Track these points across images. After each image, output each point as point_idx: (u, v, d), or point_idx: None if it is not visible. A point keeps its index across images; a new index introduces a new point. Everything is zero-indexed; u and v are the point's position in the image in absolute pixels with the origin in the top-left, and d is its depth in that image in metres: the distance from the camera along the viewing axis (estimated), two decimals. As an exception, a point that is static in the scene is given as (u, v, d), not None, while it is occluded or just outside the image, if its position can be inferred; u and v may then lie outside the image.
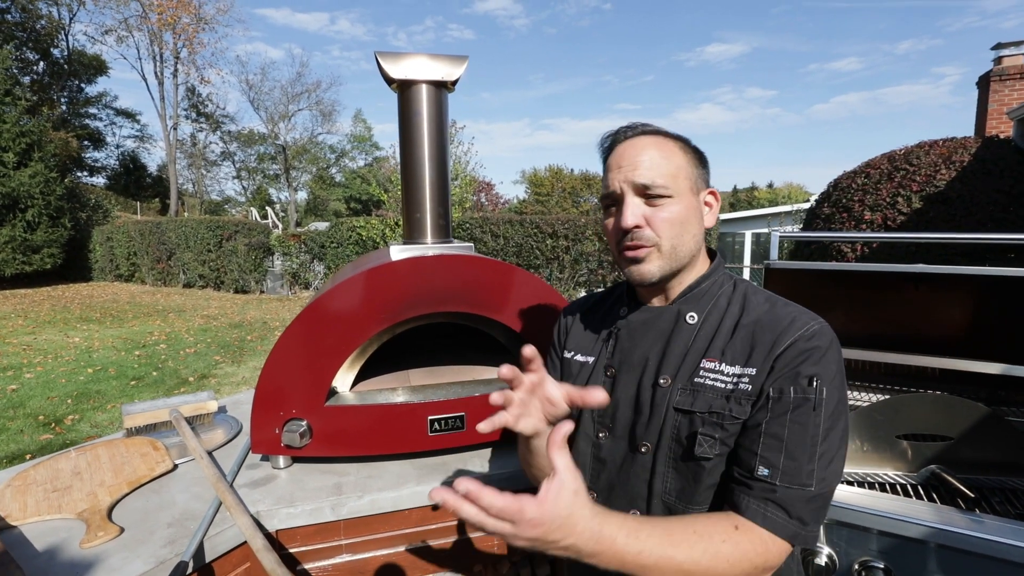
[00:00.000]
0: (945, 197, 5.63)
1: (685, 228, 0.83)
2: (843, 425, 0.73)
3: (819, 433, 0.71)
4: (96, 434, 4.31)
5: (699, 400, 0.78)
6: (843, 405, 0.74)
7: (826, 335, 0.75)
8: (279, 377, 1.27)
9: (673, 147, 0.84)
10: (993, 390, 1.56)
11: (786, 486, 0.69)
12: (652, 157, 0.82)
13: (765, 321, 0.78)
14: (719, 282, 0.87)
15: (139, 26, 26.04)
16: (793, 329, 0.76)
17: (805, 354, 0.74)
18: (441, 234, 1.52)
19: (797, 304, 0.81)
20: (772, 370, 0.75)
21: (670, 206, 0.82)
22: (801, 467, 0.70)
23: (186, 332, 8.51)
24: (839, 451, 0.72)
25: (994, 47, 7.92)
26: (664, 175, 0.81)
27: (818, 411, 0.71)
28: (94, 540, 1.03)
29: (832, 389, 0.72)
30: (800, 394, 0.72)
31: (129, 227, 16.34)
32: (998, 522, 0.99)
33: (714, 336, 0.81)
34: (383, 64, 1.41)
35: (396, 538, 1.25)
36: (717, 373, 0.78)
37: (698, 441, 0.77)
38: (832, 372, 0.73)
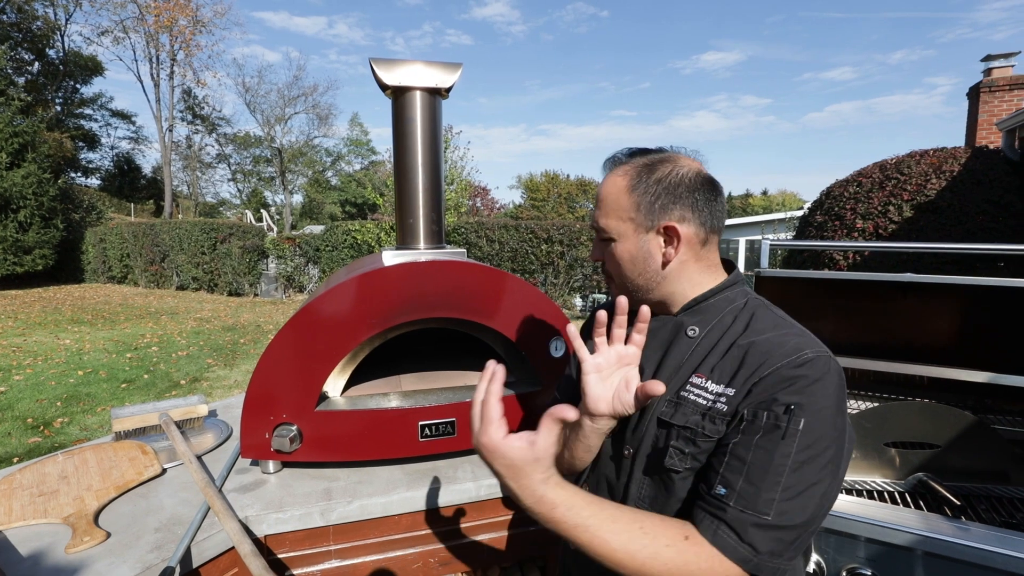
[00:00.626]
0: (935, 206, 5.69)
1: (629, 269, 0.85)
2: (827, 461, 0.69)
3: (787, 464, 0.67)
4: (86, 437, 4.27)
5: (679, 413, 0.79)
6: (829, 441, 0.69)
7: (819, 366, 0.71)
8: (270, 381, 1.26)
9: (623, 185, 0.84)
10: (980, 398, 1.58)
11: (739, 509, 0.68)
12: (604, 199, 0.86)
13: (759, 344, 0.76)
14: (730, 298, 0.85)
15: (135, 28, 25.99)
16: (781, 355, 0.73)
17: (788, 381, 0.71)
18: (434, 239, 1.52)
19: (808, 333, 0.78)
20: (749, 392, 0.73)
21: (613, 248, 0.86)
22: (759, 494, 0.68)
23: (178, 335, 8.45)
24: (815, 487, 0.68)
25: (984, 59, 8.05)
26: (607, 217, 0.85)
27: (788, 441, 0.68)
28: (80, 545, 1.03)
29: (815, 421, 0.68)
30: (772, 420, 0.69)
31: (122, 229, 16.24)
32: (984, 529, 1.00)
33: (710, 352, 0.80)
34: (378, 70, 1.42)
35: (386, 544, 1.25)
36: (701, 389, 0.78)
37: (669, 453, 0.78)
38: (818, 404, 0.69)
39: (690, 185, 0.82)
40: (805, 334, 0.77)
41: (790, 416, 0.69)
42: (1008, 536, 0.97)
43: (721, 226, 0.86)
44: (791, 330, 0.77)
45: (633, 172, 0.84)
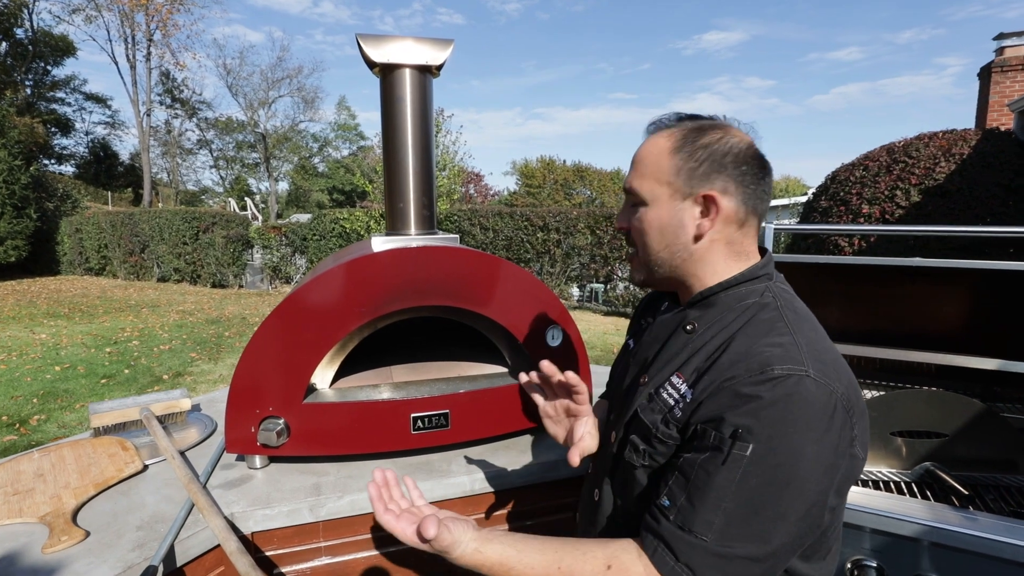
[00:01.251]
0: (944, 190, 5.60)
1: (656, 239, 0.78)
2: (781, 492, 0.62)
3: (730, 489, 0.63)
4: (64, 435, 4.16)
5: (648, 409, 0.77)
6: (796, 471, 0.62)
7: (784, 386, 0.63)
8: (255, 373, 1.21)
9: (665, 146, 0.78)
10: (988, 386, 1.57)
11: (678, 526, 0.65)
12: (642, 159, 0.80)
13: (738, 352, 0.70)
14: (743, 294, 0.77)
15: (109, 6, 25.08)
16: (745, 367, 0.67)
17: (739, 399, 0.65)
18: (425, 225, 1.47)
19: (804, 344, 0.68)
20: (701, 404, 0.69)
21: (643, 212, 0.79)
22: (696, 513, 0.64)
23: (160, 328, 8.28)
24: (761, 518, 0.63)
25: (996, 37, 7.78)
26: (642, 179, 0.79)
27: (729, 466, 0.63)
28: (57, 545, 0.99)
29: (766, 450, 0.62)
30: (716, 442, 0.65)
31: (100, 218, 15.83)
32: (992, 519, 1.00)
33: (698, 352, 0.75)
34: (365, 47, 1.35)
35: (377, 539, 1.22)
36: (674, 389, 0.75)
37: (628, 445, 0.78)
38: (770, 431, 0.63)
39: (738, 157, 0.75)
40: (792, 347, 0.67)
41: (735, 440, 0.64)
42: (1017, 526, 0.96)
43: (764, 210, 0.79)
44: (779, 339, 0.69)
45: (679, 134, 0.78)
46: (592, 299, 11.30)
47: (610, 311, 10.64)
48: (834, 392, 0.65)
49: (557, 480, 1.33)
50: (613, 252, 10.85)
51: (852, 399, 0.67)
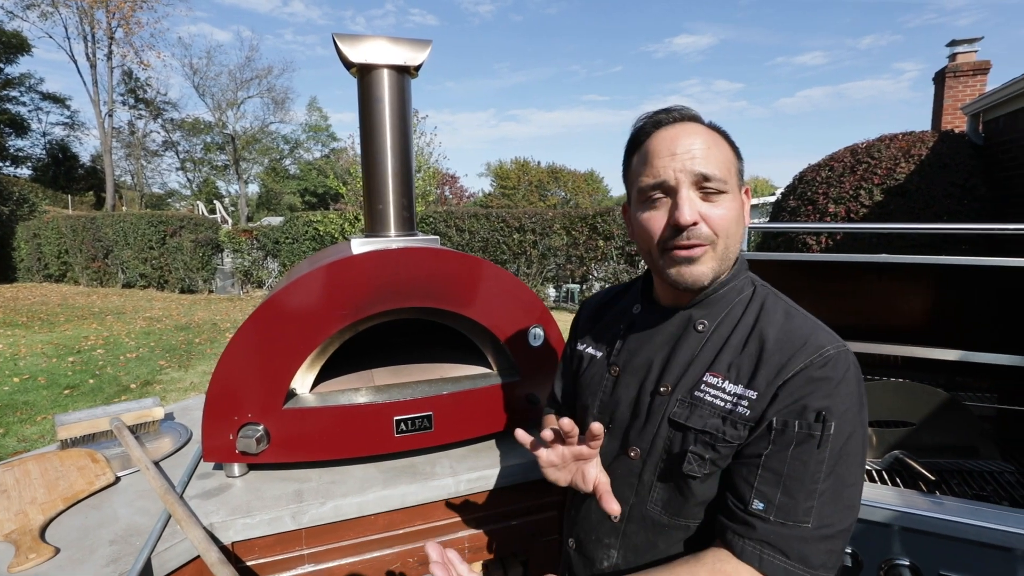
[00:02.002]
0: (905, 190, 5.88)
1: (737, 227, 0.77)
2: (856, 459, 0.68)
3: (821, 471, 0.66)
4: (24, 449, 3.98)
5: (695, 416, 0.74)
6: (856, 440, 0.68)
7: (841, 363, 0.69)
8: (233, 379, 1.19)
9: (719, 136, 0.78)
10: (951, 376, 1.64)
11: (780, 522, 0.66)
12: (707, 145, 0.75)
13: (777, 338, 0.72)
14: (737, 287, 0.80)
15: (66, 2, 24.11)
16: (804, 354, 0.70)
17: (814, 384, 0.68)
18: (405, 226, 1.46)
19: (819, 322, 0.75)
20: (776, 397, 0.70)
21: (726, 202, 0.75)
22: (798, 505, 0.66)
23: (126, 336, 8.00)
24: (848, 488, 0.67)
25: (949, 44, 8.25)
26: (720, 166, 0.75)
27: (822, 448, 0.66)
28: (24, 563, 0.94)
29: (843, 423, 0.67)
30: (805, 429, 0.67)
31: (59, 222, 15.20)
32: (957, 503, 1.04)
33: (722, 348, 0.76)
34: (342, 47, 1.34)
35: (362, 545, 1.20)
36: (718, 390, 0.73)
37: (687, 458, 0.74)
38: (844, 406, 0.67)
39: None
40: (818, 325, 0.74)
41: (823, 423, 0.66)
42: (979, 508, 1.01)
43: None
44: (804, 321, 0.74)
45: (712, 128, 0.79)
46: (568, 299, 11.37)
47: (587, 311, 10.71)
48: (855, 360, 0.71)
49: (541, 480, 1.33)
50: (589, 252, 10.95)
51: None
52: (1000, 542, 0.97)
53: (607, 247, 10.72)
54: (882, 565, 1.05)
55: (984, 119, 6.50)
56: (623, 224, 11.55)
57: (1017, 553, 0.95)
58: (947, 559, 1.01)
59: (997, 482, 1.21)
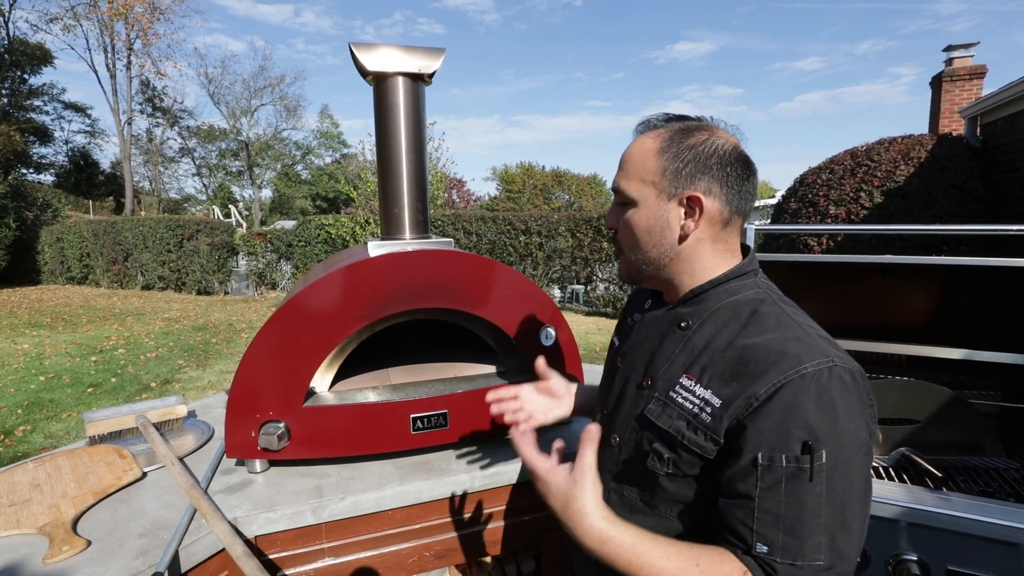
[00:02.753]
0: (904, 192, 5.91)
1: (642, 238, 0.79)
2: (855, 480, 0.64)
3: (821, 503, 0.62)
4: (51, 445, 4.09)
5: (664, 415, 0.75)
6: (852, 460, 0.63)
7: (823, 380, 0.64)
8: (254, 378, 1.23)
9: (652, 147, 0.78)
10: (956, 374, 1.64)
11: (789, 563, 0.63)
12: (629, 160, 0.80)
13: (756, 348, 0.68)
14: (732, 289, 0.77)
15: (87, 15, 24.65)
16: (778, 370, 0.65)
17: (792, 410, 0.63)
18: (420, 229, 1.50)
19: (814, 333, 0.70)
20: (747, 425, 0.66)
21: (630, 215, 0.80)
22: (803, 543, 0.62)
23: (146, 336, 8.16)
24: (853, 512, 0.63)
25: (945, 49, 8.31)
26: (629, 179, 0.79)
27: (816, 481, 0.62)
28: (58, 555, 0.98)
29: (834, 447, 0.62)
30: (793, 463, 0.63)
31: (81, 227, 15.52)
32: (964, 499, 1.05)
33: (703, 351, 0.74)
34: (358, 56, 1.38)
35: (380, 539, 1.23)
36: (689, 392, 0.73)
37: (650, 455, 0.76)
38: (831, 427, 0.63)
39: (723, 158, 0.75)
40: (808, 337, 0.68)
41: (811, 453, 0.62)
42: (986, 504, 1.02)
43: (748, 210, 0.80)
44: (794, 333, 0.69)
45: (666, 135, 0.78)
46: (574, 300, 11.37)
47: (591, 311, 10.72)
48: (854, 370, 0.67)
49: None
50: (593, 254, 10.95)
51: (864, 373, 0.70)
52: (1006, 537, 0.97)
53: (611, 249, 10.70)
54: (890, 560, 1.06)
55: (982, 122, 6.51)
56: None
57: (1023, 548, 0.96)
58: (954, 554, 1.02)
59: (1002, 478, 1.21)
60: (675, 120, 0.81)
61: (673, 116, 0.81)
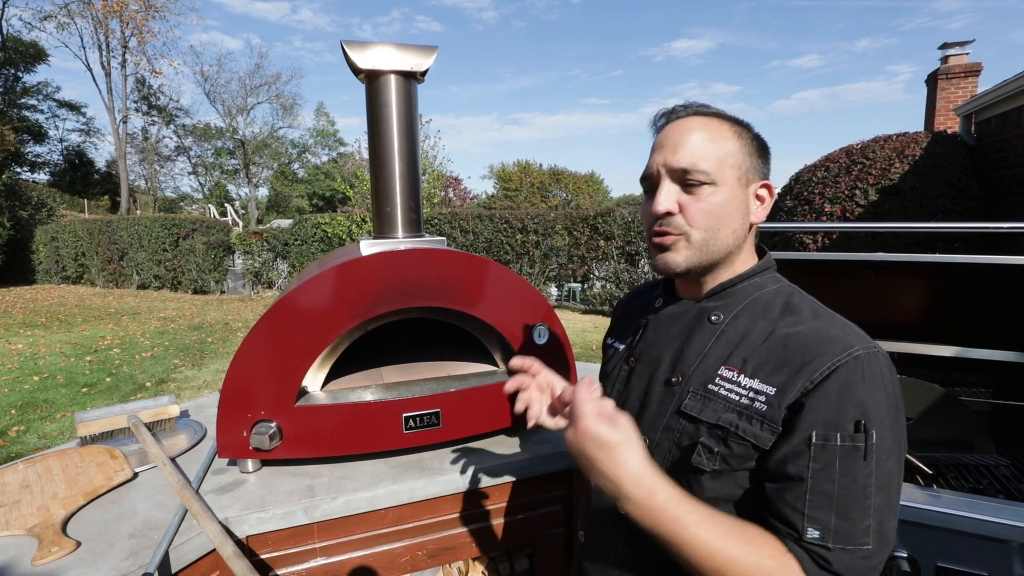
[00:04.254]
0: (899, 190, 5.92)
1: (723, 221, 0.75)
2: (898, 466, 0.65)
3: (871, 484, 0.62)
4: (45, 445, 4.08)
5: (708, 409, 0.72)
6: (897, 445, 0.65)
7: (873, 363, 0.65)
8: (246, 378, 1.22)
9: (726, 130, 0.76)
10: (948, 372, 1.65)
11: (840, 547, 0.61)
12: (698, 139, 0.75)
13: (801, 335, 0.68)
14: (759, 284, 0.78)
15: (82, 12, 24.53)
16: (830, 353, 0.66)
17: (847, 390, 0.63)
18: (412, 228, 1.49)
19: (849, 323, 0.71)
20: (802, 403, 0.65)
21: (710, 195, 0.74)
22: (855, 526, 0.61)
23: (141, 335, 8.14)
24: (896, 496, 0.64)
25: (941, 47, 8.35)
26: (708, 159, 0.74)
27: (869, 460, 0.62)
28: (47, 556, 0.97)
29: (884, 429, 0.63)
30: (848, 442, 0.62)
31: (76, 226, 15.47)
32: (954, 496, 1.05)
33: (740, 343, 0.73)
34: (350, 53, 1.37)
35: (372, 539, 1.23)
36: (733, 384, 0.71)
37: (697, 450, 0.72)
38: (882, 411, 0.63)
39: (769, 152, 0.79)
40: (848, 325, 0.70)
41: (865, 432, 0.62)
42: (976, 501, 1.02)
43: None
44: (833, 321, 0.71)
45: (729, 121, 0.78)
46: (570, 298, 11.39)
47: (588, 309, 10.74)
48: (886, 356, 0.68)
49: (547, 474, 1.36)
50: (590, 252, 10.96)
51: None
52: (996, 534, 0.98)
53: (608, 247, 10.72)
54: (881, 558, 1.06)
55: (976, 120, 6.54)
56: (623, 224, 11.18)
57: (1013, 545, 0.96)
58: (944, 551, 1.02)
59: (993, 475, 1.22)
60: (712, 111, 0.80)
61: (700, 105, 0.81)
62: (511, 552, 1.45)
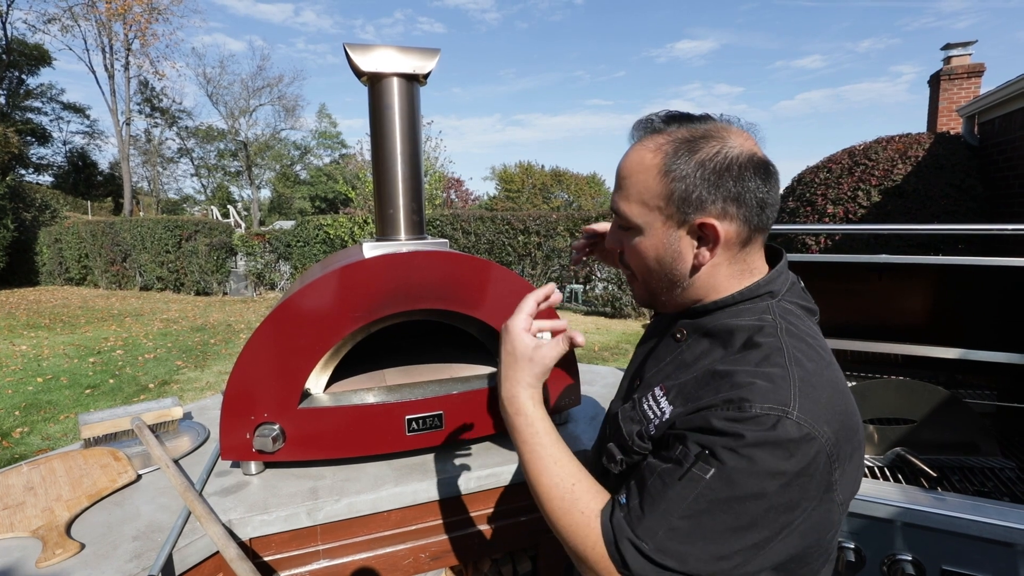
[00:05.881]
0: (902, 191, 5.92)
1: (655, 268, 0.72)
2: (742, 527, 0.58)
3: (681, 505, 0.59)
4: (48, 447, 4.09)
5: (627, 417, 0.73)
6: (738, 508, 0.57)
7: (757, 429, 0.57)
8: (249, 380, 1.22)
9: (654, 164, 0.68)
10: (951, 374, 1.65)
11: (625, 522, 0.63)
12: (628, 176, 0.70)
13: (724, 375, 0.63)
14: (733, 312, 0.71)
15: (86, 15, 24.65)
16: (724, 399, 0.61)
17: (714, 432, 0.59)
18: (415, 230, 1.49)
19: (798, 378, 0.60)
20: (674, 423, 0.65)
21: (634, 241, 0.72)
22: (644, 518, 0.61)
23: (144, 337, 8.16)
24: (712, 546, 0.58)
25: (943, 47, 8.33)
26: (630, 202, 0.70)
27: (686, 484, 0.59)
28: (52, 558, 0.97)
29: (726, 482, 0.57)
30: (679, 455, 0.61)
31: (80, 228, 15.53)
32: (959, 499, 1.05)
33: (687, 367, 0.71)
34: (352, 56, 1.37)
35: (375, 541, 1.23)
36: (655, 403, 0.70)
37: (605, 453, 0.75)
38: (734, 466, 0.57)
39: (739, 171, 0.65)
40: (783, 382, 0.60)
41: (697, 460, 0.59)
42: (981, 504, 1.02)
43: (771, 220, 0.70)
44: (773, 371, 0.61)
45: (669, 148, 0.68)
46: (572, 300, 11.39)
47: (590, 311, 10.73)
48: (816, 438, 0.57)
49: (549, 477, 1.36)
50: (594, 254, 10.96)
51: (840, 442, 0.60)
52: (1002, 537, 0.97)
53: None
54: (885, 560, 1.06)
55: (979, 121, 6.53)
56: None
57: (1018, 548, 0.96)
58: (949, 554, 1.02)
59: (998, 478, 1.22)
60: (677, 122, 0.70)
61: (675, 115, 0.71)
62: (513, 554, 1.45)
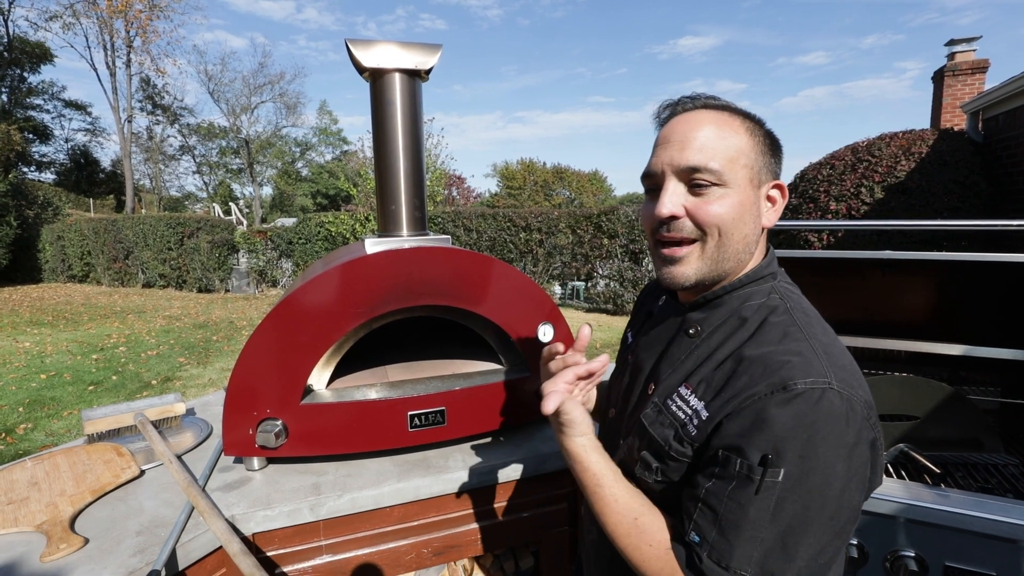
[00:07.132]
0: (905, 187, 5.90)
1: (734, 226, 0.69)
2: (818, 512, 0.58)
3: (765, 519, 0.58)
4: (52, 443, 4.11)
5: (657, 422, 0.72)
6: (820, 490, 0.58)
7: (811, 403, 0.58)
8: (252, 376, 1.22)
9: (737, 126, 0.69)
10: (955, 370, 1.64)
11: (714, 563, 0.60)
12: (707, 135, 0.68)
13: (753, 360, 0.64)
14: (745, 295, 0.71)
15: (87, 13, 24.61)
16: (765, 382, 0.61)
17: (764, 423, 0.59)
18: (417, 226, 1.49)
19: (821, 349, 0.62)
20: (721, 425, 0.63)
21: (720, 198, 0.68)
22: (733, 549, 0.59)
23: (147, 334, 8.18)
24: (802, 540, 0.58)
25: (947, 43, 8.27)
26: (718, 158, 0.67)
27: (764, 496, 0.58)
28: (56, 553, 0.98)
29: (799, 473, 0.57)
30: (745, 471, 0.59)
31: (82, 225, 15.56)
32: (962, 495, 1.05)
33: (706, 361, 0.70)
34: (354, 52, 1.37)
35: (377, 536, 1.23)
36: (683, 402, 0.69)
37: (639, 463, 0.73)
38: (802, 451, 0.57)
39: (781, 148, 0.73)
40: (811, 354, 0.62)
41: (765, 468, 0.58)
42: (984, 500, 1.02)
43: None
44: (797, 345, 0.63)
45: (741, 115, 0.71)
46: (574, 296, 11.38)
47: (591, 308, 10.72)
48: (857, 401, 0.60)
49: (552, 472, 1.37)
50: (594, 251, 10.96)
51: (871, 405, 0.62)
52: (1005, 534, 0.97)
53: (612, 245, 10.71)
54: (888, 556, 1.06)
55: (983, 117, 6.49)
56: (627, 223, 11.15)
57: (1022, 544, 0.96)
58: (952, 551, 1.02)
59: (1001, 475, 1.22)
60: (720, 101, 0.74)
61: (709, 97, 0.75)
62: (516, 550, 1.45)
